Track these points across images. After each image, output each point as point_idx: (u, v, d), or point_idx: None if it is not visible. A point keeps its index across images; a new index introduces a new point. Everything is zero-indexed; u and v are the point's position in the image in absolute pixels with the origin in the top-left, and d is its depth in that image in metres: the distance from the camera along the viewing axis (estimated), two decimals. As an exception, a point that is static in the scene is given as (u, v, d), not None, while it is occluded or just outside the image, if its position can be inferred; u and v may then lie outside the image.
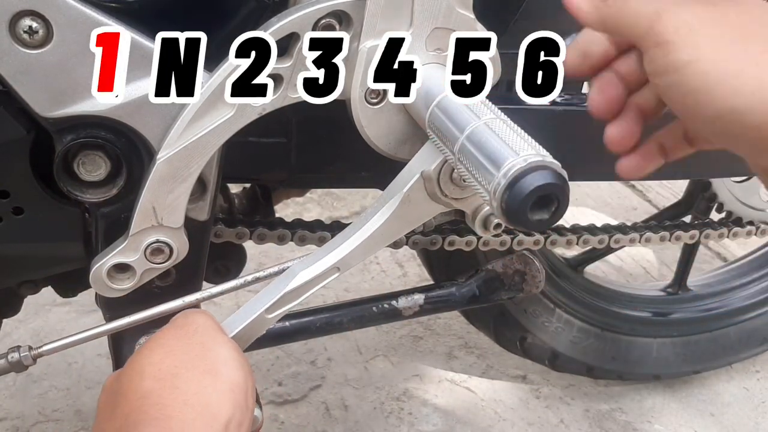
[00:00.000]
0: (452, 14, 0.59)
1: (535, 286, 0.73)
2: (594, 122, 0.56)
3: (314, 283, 0.61)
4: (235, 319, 0.62)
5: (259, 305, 0.61)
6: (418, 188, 0.60)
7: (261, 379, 1.23)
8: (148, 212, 0.60)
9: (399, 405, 1.21)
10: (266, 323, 0.61)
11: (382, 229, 0.60)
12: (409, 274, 1.55)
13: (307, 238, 0.83)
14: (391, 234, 0.61)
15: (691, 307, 1.27)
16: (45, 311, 1.35)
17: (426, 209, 0.61)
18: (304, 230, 0.83)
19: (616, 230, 1.01)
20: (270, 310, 0.61)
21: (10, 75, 0.55)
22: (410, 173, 0.60)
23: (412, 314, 0.71)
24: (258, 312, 0.61)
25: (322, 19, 0.57)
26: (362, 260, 0.62)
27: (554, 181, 0.47)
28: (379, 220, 0.60)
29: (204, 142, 0.58)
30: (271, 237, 0.81)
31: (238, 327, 0.61)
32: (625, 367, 1.23)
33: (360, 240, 0.60)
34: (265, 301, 0.61)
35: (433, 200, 0.61)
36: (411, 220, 0.62)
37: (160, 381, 0.51)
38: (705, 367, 1.27)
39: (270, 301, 0.61)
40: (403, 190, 0.60)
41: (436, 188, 0.60)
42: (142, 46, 0.56)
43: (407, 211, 0.60)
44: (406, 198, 0.60)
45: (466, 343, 1.36)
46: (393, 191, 0.61)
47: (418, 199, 0.60)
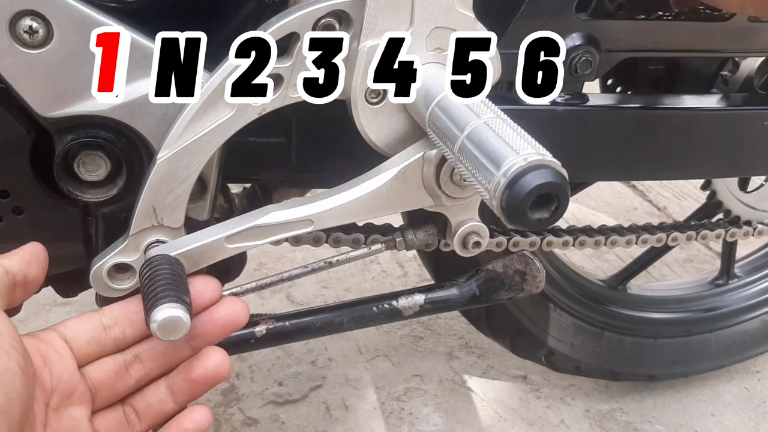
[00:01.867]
0: (452, 14, 0.59)
1: (536, 286, 0.73)
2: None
3: (284, 228, 0.59)
4: (191, 237, 0.59)
5: (221, 231, 0.59)
6: (415, 168, 0.60)
7: (261, 379, 1.24)
8: (148, 212, 0.60)
9: (399, 405, 1.21)
10: (223, 252, 0.59)
11: (366, 198, 0.60)
12: (409, 274, 1.55)
13: (302, 239, 0.82)
14: (371, 207, 0.61)
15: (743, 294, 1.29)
16: (45, 311, 1.35)
17: (414, 195, 0.61)
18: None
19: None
20: (231, 240, 0.59)
21: (10, 75, 0.55)
22: (413, 151, 0.60)
23: (413, 314, 0.71)
24: (217, 236, 0.59)
25: (322, 18, 0.57)
26: (336, 223, 0.61)
27: (554, 180, 0.47)
28: (366, 188, 0.60)
29: (204, 142, 0.58)
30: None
31: (192, 245, 0.58)
32: (687, 366, 1.26)
33: (341, 201, 0.60)
34: (229, 228, 0.59)
35: (426, 188, 0.61)
36: (395, 202, 0.61)
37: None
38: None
39: (234, 230, 0.59)
40: (401, 164, 0.60)
41: (433, 175, 0.60)
42: (142, 46, 0.56)
43: (397, 188, 0.60)
44: (401, 174, 0.60)
45: (466, 343, 1.36)
46: (390, 164, 0.61)
47: (412, 180, 0.60)
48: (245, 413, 1.16)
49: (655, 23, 0.82)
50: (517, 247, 0.91)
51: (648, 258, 1.26)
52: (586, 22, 0.77)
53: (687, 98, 0.88)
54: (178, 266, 0.57)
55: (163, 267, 0.56)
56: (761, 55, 0.95)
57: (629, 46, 0.80)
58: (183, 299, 0.54)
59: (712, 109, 0.85)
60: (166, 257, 0.57)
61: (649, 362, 1.22)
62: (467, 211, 0.65)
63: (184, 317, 0.53)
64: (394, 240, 0.70)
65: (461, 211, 0.65)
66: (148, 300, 0.54)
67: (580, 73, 0.78)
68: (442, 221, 0.67)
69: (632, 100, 0.89)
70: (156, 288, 0.54)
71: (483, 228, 0.66)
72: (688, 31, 0.83)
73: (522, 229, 0.89)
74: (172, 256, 0.58)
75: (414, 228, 0.70)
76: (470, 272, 0.73)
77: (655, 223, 1.07)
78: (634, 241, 1.01)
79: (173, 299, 0.53)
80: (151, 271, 0.56)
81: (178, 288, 0.54)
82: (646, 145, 0.82)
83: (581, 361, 1.18)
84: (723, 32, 0.83)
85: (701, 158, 0.86)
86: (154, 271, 0.56)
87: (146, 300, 0.54)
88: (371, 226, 0.84)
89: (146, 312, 0.53)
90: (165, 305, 0.52)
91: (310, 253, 1.02)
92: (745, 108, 0.86)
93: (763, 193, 1.15)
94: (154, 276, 0.55)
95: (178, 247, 0.58)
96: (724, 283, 1.30)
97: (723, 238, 1.09)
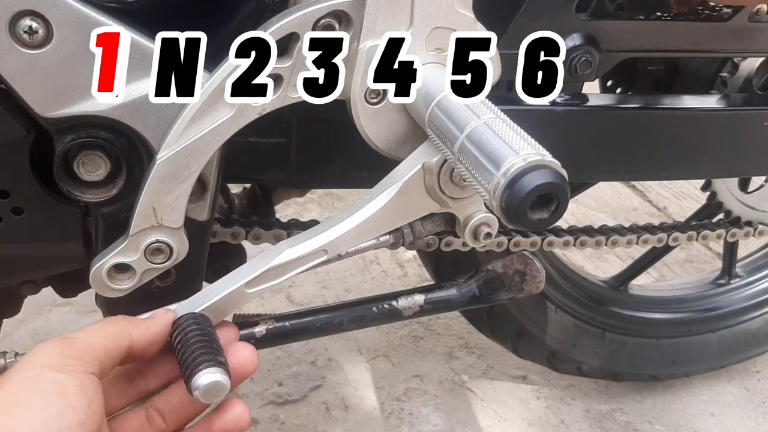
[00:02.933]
0: (452, 14, 0.59)
1: (535, 286, 0.73)
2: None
3: (300, 263, 0.60)
4: (211, 290, 0.60)
5: (239, 278, 0.59)
6: (417, 180, 0.60)
7: (261, 379, 1.24)
8: (148, 212, 0.60)
9: (399, 405, 1.21)
10: (245, 298, 0.60)
11: (374, 217, 0.60)
12: (409, 274, 1.55)
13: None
14: (382, 225, 0.61)
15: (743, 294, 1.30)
16: (45, 311, 1.35)
17: (421, 204, 0.61)
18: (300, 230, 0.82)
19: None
20: (250, 285, 0.59)
21: (10, 75, 0.55)
22: (412, 163, 0.60)
23: (413, 314, 0.71)
24: (237, 285, 0.59)
25: (322, 19, 0.57)
26: (350, 247, 0.61)
27: (554, 180, 0.47)
28: (373, 208, 0.60)
29: (204, 142, 0.58)
30: (266, 237, 0.81)
31: (214, 298, 0.59)
32: (689, 367, 1.26)
33: (351, 225, 0.60)
34: (247, 274, 0.59)
35: (430, 195, 0.61)
36: (404, 214, 0.61)
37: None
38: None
39: (251, 275, 0.59)
40: (403, 179, 0.60)
41: (435, 182, 0.60)
42: (142, 46, 0.56)
43: (403, 202, 0.60)
44: (404, 188, 0.60)
45: (466, 344, 1.36)
46: (392, 180, 0.61)
47: (416, 192, 0.60)
48: (245, 413, 1.16)
49: (655, 23, 0.82)
50: (518, 247, 0.91)
51: (649, 258, 1.27)
52: (586, 23, 0.77)
53: (687, 98, 0.88)
54: (206, 322, 0.58)
55: (192, 328, 0.56)
56: (761, 56, 0.95)
57: (629, 47, 0.80)
58: (219, 361, 0.54)
59: (712, 109, 0.85)
60: (193, 316, 0.58)
61: (651, 362, 1.22)
62: (473, 204, 0.65)
63: (224, 380, 0.53)
64: (402, 231, 0.70)
65: (467, 206, 0.64)
66: (187, 366, 0.53)
67: (579, 74, 0.78)
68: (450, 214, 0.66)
69: (632, 100, 0.89)
70: (193, 353, 0.54)
71: (492, 218, 0.65)
72: (688, 31, 0.83)
73: (522, 229, 0.89)
74: (198, 313, 0.58)
75: (421, 219, 0.70)
76: (470, 272, 0.73)
77: (655, 224, 1.07)
78: (635, 241, 1.01)
79: (211, 363, 0.53)
80: (183, 334, 0.56)
81: (211, 348, 0.55)
82: (645, 145, 0.82)
83: (583, 362, 1.18)
84: (723, 32, 0.83)
85: (701, 158, 0.86)
86: (186, 334, 0.56)
87: (184, 366, 0.54)
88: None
89: (186, 379, 0.53)
90: (206, 371, 0.52)
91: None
92: (744, 108, 0.86)
93: (763, 193, 1.15)
94: (187, 340, 0.55)
95: (201, 303, 0.59)
96: (725, 283, 1.30)
97: (724, 238, 1.09)
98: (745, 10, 0.82)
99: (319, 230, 0.61)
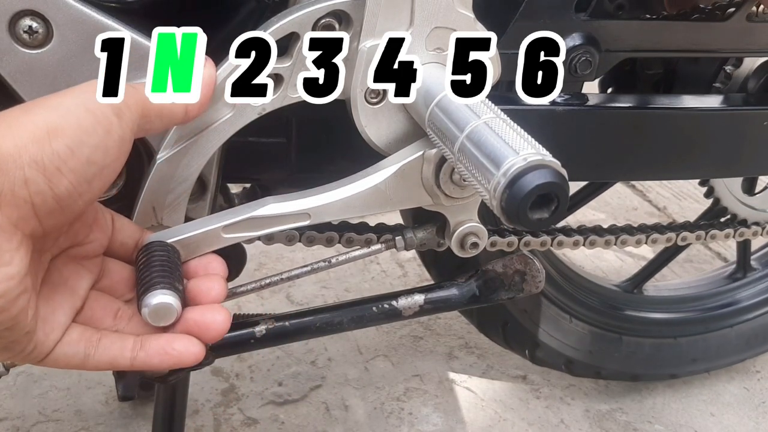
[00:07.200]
0: (452, 14, 0.59)
1: (535, 286, 0.73)
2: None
3: (281, 220, 0.59)
4: (188, 226, 0.59)
5: (218, 220, 0.59)
6: (415, 166, 0.60)
7: (261, 379, 1.24)
8: (148, 212, 0.60)
9: (399, 405, 1.21)
10: (219, 241, 0.59)
11: (364, 194, 0.60)
12: (409, 274, 1.55)
13: (316, 239, 0.82)
14: (370, 204, 0.61)
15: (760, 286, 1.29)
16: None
17: (413, 193, 0.61)
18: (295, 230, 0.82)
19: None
20: (228, 230, 0.59)
21: (10, 75, 0.55)
22: (413, 150, 0.60)
23: (412, 314, 0.71)
24: (215, 225, 0.59)
25: (322, 18, 0.57)
26: (334, 218, 0.61)
27: (554, 180, 0.47)
28: (365, 184, 0.60)
29: (204, 142, 0.58)
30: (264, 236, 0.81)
31: (189, 233, 0.58)
32: (708, 364, 1.26)
33: (339, 196, 0.60)
34: (226, 219, 0.59)
35: (425, 187, 0.61)
36: (394, 198, 0.61)
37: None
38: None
39: (231, 219, 0.59)
40: (401, 162, 0.60)
41: (432, 174, 0.60)
42: (141, 47, 0.56)
43: (396, 185, 0.60)
44: (400, 171, 0.60)
45: (466, 343, 1.36)
46: (390, 161, 0.61)
47: (411, 178, 0.60)
48: (245, 413, 1.16)
49: (655, 23, 0.82)
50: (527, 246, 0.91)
51: (662, 260, 1.26)
52: (585, 22, 0.77)
53: (686, 98, 0.88)
54: (174, 253, 0.57)
55: (159, 254, 0.56)
56: (761, 56, 0.95)
57: (629, 46, 0.81)
58: (175, 286, 0.54)
59: (712, 109, 0.85)
60: (163, 244, 0.57)
61: (670, 361, 1.22)
62: (466, 211, 0.65)
63: (175, 304, 0.53)
64: (394, 239, 0.70)
65: (460, 211, 0.65)
66: (142, 285, 0.54)
67: (579, 73, 0.78)
68: (442, 221, 0.67)
69: (632, 100, 0.89)
70: (150, 274, 0.54)
71: (481, 229, 0.66)
72: (687, 31, 0.83)
73: (521, 229, 0.89)
74: (169, 243, 0.58)
75: (414, 227, 0.70)
76: (470, 272, 0.73)
77: (664, 224, 1.07)
78: (644, 240, 1.01)
79: (166, 286, 0.53)
80: (147, 256, 0.56)
81: (171, 275, 0.54)
82: (645, 145, 0.82)
83: (602, 367, 1.19)
84: (722, 32, 0.83)
85: (701, 158, 0.86)
86: (151, 256, 0.56)
87: (140, 285, 0.54)
88: (383, 226, 0.84)
89: (139, 296, 0.53)
90: (158, 292, 0.52)
91: (310, 253, 1.02)
92: (744, 108, 0.86)
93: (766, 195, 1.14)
94: (150, 262, 0.55)
95: (175, 235, 0.58)
96: (742, 277, 1.29)
97: (732, 237, 1.08)
98: (745, 9, 0.82)
99: (307, 194, 0.61)
